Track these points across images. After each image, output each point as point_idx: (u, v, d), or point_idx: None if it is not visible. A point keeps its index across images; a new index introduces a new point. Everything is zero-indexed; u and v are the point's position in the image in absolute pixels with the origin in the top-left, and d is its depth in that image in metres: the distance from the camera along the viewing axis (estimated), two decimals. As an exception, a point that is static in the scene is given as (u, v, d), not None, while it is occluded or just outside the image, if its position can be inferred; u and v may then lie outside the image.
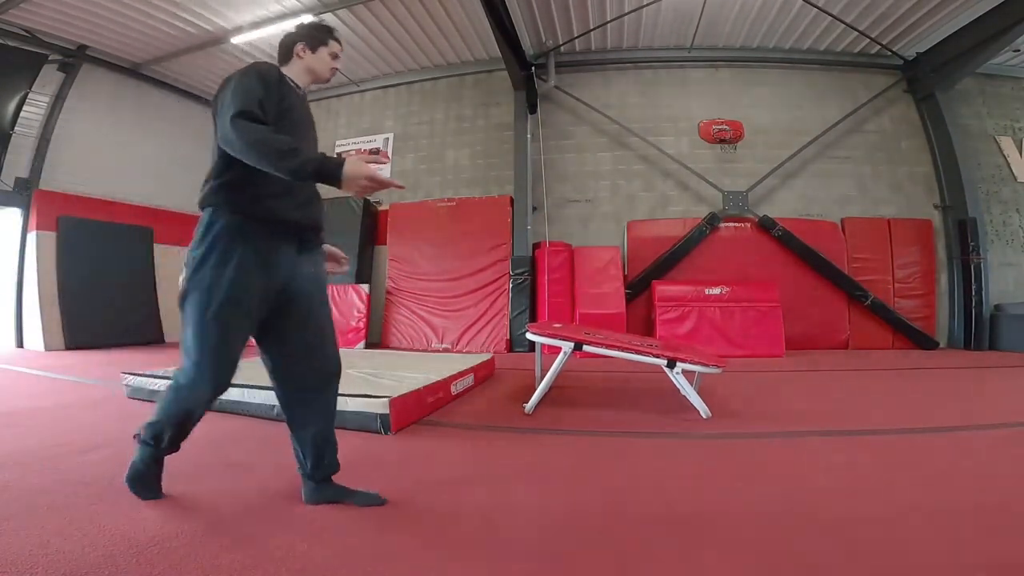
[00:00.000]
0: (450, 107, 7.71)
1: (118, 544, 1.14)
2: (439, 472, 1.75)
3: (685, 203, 6.89)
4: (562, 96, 7.18)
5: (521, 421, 2.48)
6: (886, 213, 6.70)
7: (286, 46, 1.49)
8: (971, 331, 6.20)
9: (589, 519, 1.34)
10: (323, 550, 1.15)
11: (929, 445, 2.07)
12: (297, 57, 1.48)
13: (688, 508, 1.42)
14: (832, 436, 2.21)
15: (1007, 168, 6.78)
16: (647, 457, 1.95)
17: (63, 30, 6.33)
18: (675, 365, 2.46)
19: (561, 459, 1.93)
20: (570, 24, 6.63)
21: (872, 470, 1.75)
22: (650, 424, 2.43)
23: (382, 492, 1.45)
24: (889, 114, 6.99)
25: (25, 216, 6.19)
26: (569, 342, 2.58)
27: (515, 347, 6.18)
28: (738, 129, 6.99)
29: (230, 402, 2.55)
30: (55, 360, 4.96)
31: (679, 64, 7.26)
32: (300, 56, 1.47)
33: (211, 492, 1.49)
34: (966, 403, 3.04)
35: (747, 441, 2.15)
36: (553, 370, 2.60)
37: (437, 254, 6.79)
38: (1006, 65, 6.92)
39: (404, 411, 2.32)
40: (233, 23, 6.51)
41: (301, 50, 1.47)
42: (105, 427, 2.25)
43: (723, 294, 5.78)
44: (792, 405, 2.97)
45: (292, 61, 1.48)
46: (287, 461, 1.83)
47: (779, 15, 6.38)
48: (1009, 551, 1.14)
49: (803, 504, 1.44)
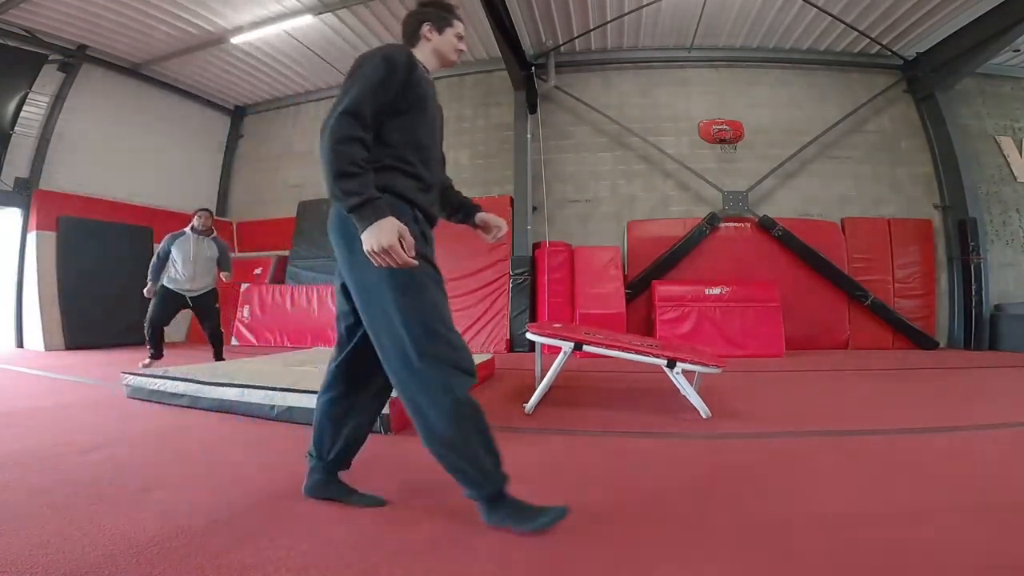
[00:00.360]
0: (450, 107, 7.70)
1: (118, 544, 1.14)
2: (440, 472, 1.74)
3: (685, 203, 6.89)
4: (562, 96, 7.18)
5: (521, 421, 2.48)
6: (886, 213, 6.70)
7: (411, 27, 1.37)
8: (971, 331, 6.20)
9: (590, 519, 1.34)
10: (324, 549, 1.15)
11: (930, 445, 2.07)
12: (424, 39, 1.35)
13: (688, 508, 1.42)
14: (832, 436, 2.21)
15: (1007, 168, 6.78)
16: (647, 457, 1.95)
17: (63, 30, 6.33)
18: (675, 365, 2.46)
19: (561, 459, 1.93)
20: (570, 24, 6.63)
21: (872, 470, 1.75)
22: (650, 424, 2.43)
23: (384, 491, 1.45)
24: (889, 114, 6.99)
25: (25, 216, 6.19)
26: (569, 342, 2.58)
27: (515, 347, 6.18)
28: (738, 129, 6.99)
29: (229, 402, 2.55)
30: (55, 360, 4.96)
31: (679, 64, 7.26)
32: (428, 38, 1.35)
33: (211, 492, 1.49)
34: (966, 403, 3.03)
35: (747, 441, 2.15)
36: (553, 370, 2.60)
37: (437, 254, 6.76)
38: (1006, 65, 6.93)
39: (405, 411, 2.31)
40: (233, 23, 6.51)
41: (428, 31, 1.34)
42: (105, 427, 2.25)
43: (723, 294, 5.78)
44: (792, 405, 2.97)
45: (420, 43, 1.35)
46: (287, 461, 1.83)
47: (779, 15, 6.38)
48: (1011, 551, 1.14)
49: (804, 504, 1.44)
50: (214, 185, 8.83)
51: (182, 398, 2.70)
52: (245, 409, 2.51)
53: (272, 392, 2.44)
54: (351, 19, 6.54)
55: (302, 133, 8.61)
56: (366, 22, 6.62)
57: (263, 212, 8.48)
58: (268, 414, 2.43)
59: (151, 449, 1.94)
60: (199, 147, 8.57)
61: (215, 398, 2.60)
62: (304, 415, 2.35)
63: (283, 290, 6.93)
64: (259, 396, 2.46)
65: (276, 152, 8.73)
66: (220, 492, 1.50)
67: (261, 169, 8.80)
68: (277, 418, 2.40)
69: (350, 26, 6.68)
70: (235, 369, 3.16)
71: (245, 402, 2.51)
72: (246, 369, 3.16)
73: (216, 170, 8.87)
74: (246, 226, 8.53)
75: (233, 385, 2.57)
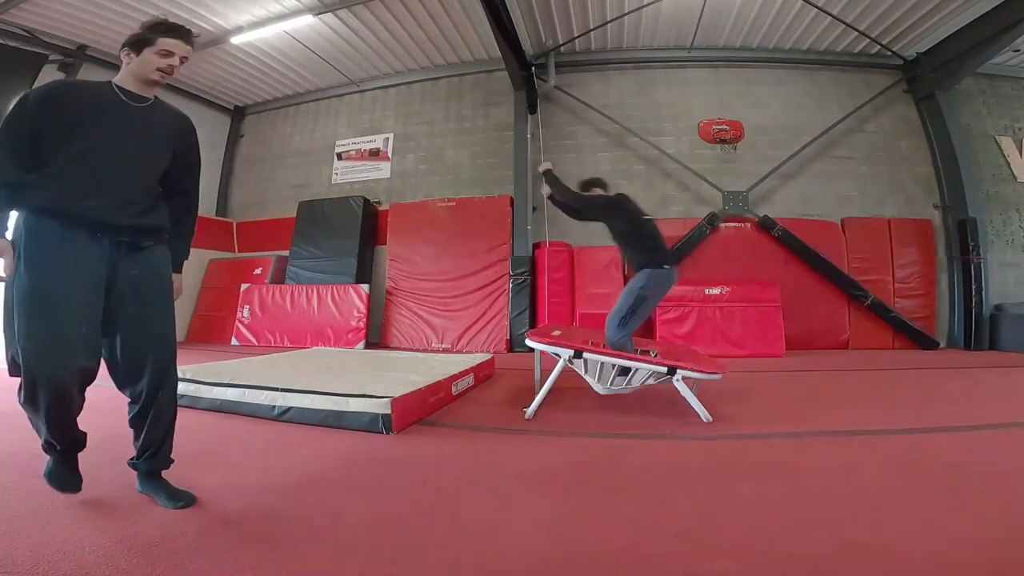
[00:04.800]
0: (450, 107, 7.71)
1: (118, 544, 1.14)
2: (441, 472, 1.75)
3: (685, 203, 6.89)
4: (562, 96, 7.18)
5: (522, 423, 2.48)
6: (886, 213, 6.69)
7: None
8: (971, 331, 6.19)
9: (591, 519, 1.34)
10: (325, 548, 1.15)
11: (930, 445, 2.07)
12: (124, 63, 1.46)
13: (690, 509, 1.42)
14: (832, 436, 2.21)
15: (1007, 168, 6.78)
16: (648, 459, 1.95)
17: (63, 30, 6.33)
18: (676, 372, 2.46)
19: (561, 461, 1.93)
20: (570, 24, 6.62)
21: (872, 470, 1.75)
22: (650, 426, 2.43)
23: (385, 491, 1.45)
24: (889, 114, 6.99)
25: (25, 216, 6.19)
26: (568, 350, 2.59)
27: (515, 347, 6.17)
28: (738, 129, 6.99)
29: (230, 402, 2.55)
30: (55, 360, 4.95)
31: (679, 64, 7.26)
32: (125, 62, 1.45)
33: (211, 492, 1.49)
34: (966, 403, 3.03)
35: (748, 441, 2.15)
36: (552, 378, 2.61)
37: (437, 254, 6.78)
38: (1006, 65, 6.92)
39: (406, 411, 2.32)
40: (233, 23, 6.51)
41: (125, 55, 1.45)
42: (106, 427, 2.24)
43: (723, 294, 5.77)
44: (793, 405, 2.97)
45: (122, 67, 1.47)
46: (287, 460, 1.83)
47: (779, 15, 6.38)
48: (1011, 551, 1.14)
49: (804, 504, 1.43)
50: (214, 185, 8.82)
51: (182, 398, 2.69)
52: (246, 409, 2.51)
53: (272, 392, 2.44)
54: (351, 19, 6.54)
55: (302, 133, 8.61)
56: (366, 22, 6.62)
57: (263, 212, 8.48)
58: (269, 414, 2.43)
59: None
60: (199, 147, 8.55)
61: (215, 398, 2.60)
62: (304, 415, 2.35)
63: (283, 290, 6.93)
64: (260, 397, 2.47)
65: (276, 152, 8.72)
66: (220, 492, 1.50)
67: (261, 169, 8.79)
68: (278, 418, 2.41)
69: (350, 26, 6.68)
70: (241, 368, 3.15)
71: (246, 403, 2.51)
72: (247, 369, 3.15)
73: (216, 170, 8.86)
74: (246, 226, 8.52)
75: (233, 385, 2.57)
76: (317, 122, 8.54)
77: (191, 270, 7.57)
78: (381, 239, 7.41)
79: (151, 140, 1.47)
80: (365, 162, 8.04)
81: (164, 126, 1.51)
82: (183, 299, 8.47)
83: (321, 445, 2.03)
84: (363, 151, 8.08)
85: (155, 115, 1.49)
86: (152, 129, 1.47)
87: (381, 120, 8.05)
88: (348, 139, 8.20)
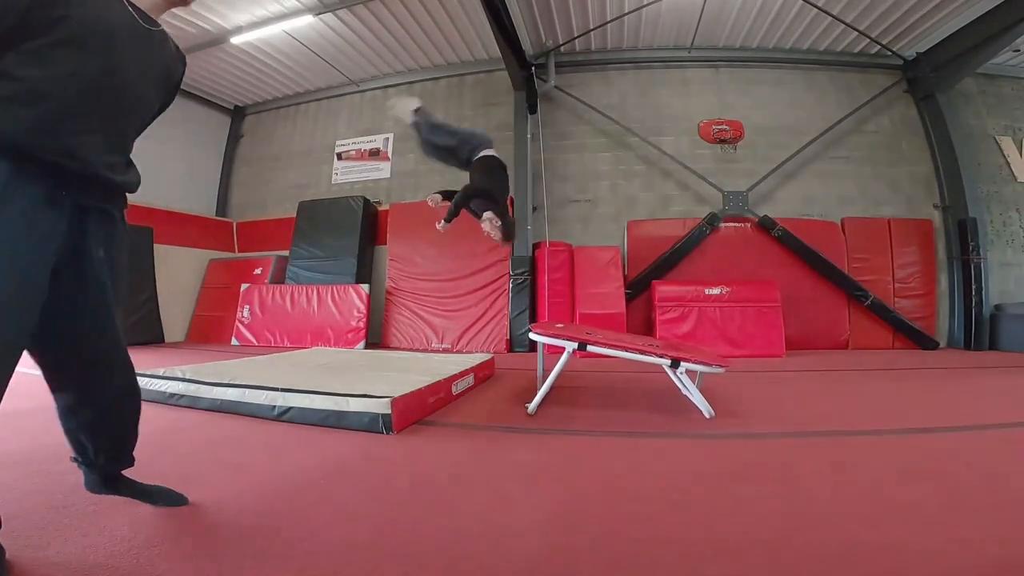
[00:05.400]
0: (450, 107, 7.70)
1: (118, 544, 1.14)
2: (441, 471, 1.75)
3: (685, 203, 6.89)
4: (562, 96, 7.18)
5: (523, 421, 2.47)
6: (886, 213, 6.70)
7: None
8: (971, 331, 6.19)
9: (591, 520, 1.34)
10: (325, 548, 1.14)
11: (930, 445, 2.07)
12: None
13: (692, 509, 1.42)
14: (833, 436, 2.21)
15: (1007, 168, 6.78)
16: (650, 457, 1.95)
17: (63, 30, 6.32)
18: (679, 365, 2.45)
19: (563, 459, 1.93)
20: (570, 24, 6.63)
21: (872, 470, 1.75)
22: (652, 424, 2.43)
23: (385, 490, 1.44)
24: (889, 114, 6.99)
25: (25, 216, 6.17)
26: (572, 342, 2.58)
27: (515, 347, 6.18)
28: (738, 129, 7.00)
29: (230, 402, 2.55)
30: (55, 360, 4.94)
31: (679, 64, 7.26)
32: None
33: (211, 492, 1.48)
34: (966, 403, 3.03)
35: (749, 441, 2.15)
36: (556, 370, 2.59)
37: (437, 254, 6.78)
38: (1006, 65, 6.93)
39: (406, 411, 2.31)
40: (233, 23, 6.51)
41: None
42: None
43: (723, 294, 5.77)
44: (793, 405, 2.97)
45: None
46: (288, 461, 1.83)
47: (779, 15, 6.39)
48: (1011, 551, 1.14)
49: (805, 504, 1.43)
50: (214, 185, 8.82)
51: (182, 398, 2.70)
52: (246, 410, 2.50)
53: (273, 392, 2.44)
54: (351, 19, 6.54)
55: (302, 133, 8.61)
56: (366, 22, 6.62)
57: (263, 212, 8.48)
58: (269, 415, 2.43)
59: (152, 449, 1.93)
60: (199, 147, 8.56)
61: (215, 398, 2.60)
62: (304, 415, 2.35)
63: (283, 290, 6.93)
64: (260, 397, 2.46)
65: (276, 152, 8.72)
66: (220, 492, 1.49)
67: (261, 169, 8.79)
68: (278, 419, 2.40)
69: (350, 26, 6.69)
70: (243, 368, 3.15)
71: (246, 403, 2.50)
72: (247, 369, 3.15)
73: (216, 170, 8.86)
74: (246, 226, 8.52)
75: (233, 385, 2.57)
76: (317, 122, 8.55)
77: (191, 270, 7.58)
78: (381, 239, 7.42)
79: (155, 76, 1.20)
80: (365, 162, 8.04)
81: (165, 64, 1.24)
82: (183, 299, 8.44)
83: (321, 445, 2.03)
84: (363, 151, 8.09)
85: (165, 47, 1.22)
86: (156, 64, 1.20)
87: (381, 120, 8.05)
88: (348, 139, 8.20)
